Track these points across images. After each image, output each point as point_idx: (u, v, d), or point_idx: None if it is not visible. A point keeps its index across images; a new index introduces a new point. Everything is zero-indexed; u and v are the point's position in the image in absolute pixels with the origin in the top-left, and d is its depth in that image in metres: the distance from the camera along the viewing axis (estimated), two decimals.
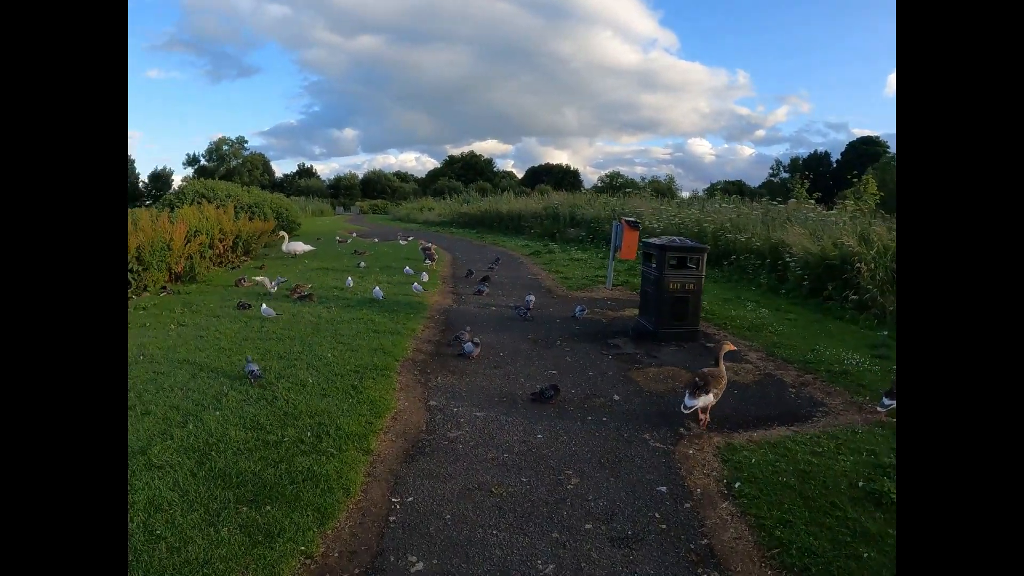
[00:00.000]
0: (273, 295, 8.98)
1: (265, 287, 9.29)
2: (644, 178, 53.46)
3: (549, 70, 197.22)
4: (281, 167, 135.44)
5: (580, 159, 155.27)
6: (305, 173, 79.24)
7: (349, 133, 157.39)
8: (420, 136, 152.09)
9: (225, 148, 72.79)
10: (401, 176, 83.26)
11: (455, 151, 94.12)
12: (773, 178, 66.00)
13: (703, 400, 4.27)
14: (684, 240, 7.15)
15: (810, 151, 68.06)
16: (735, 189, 41.86)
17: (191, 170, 69.48)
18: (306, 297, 8.61)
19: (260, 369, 5.00)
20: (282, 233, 15.49)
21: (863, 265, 8.34)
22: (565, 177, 67.37)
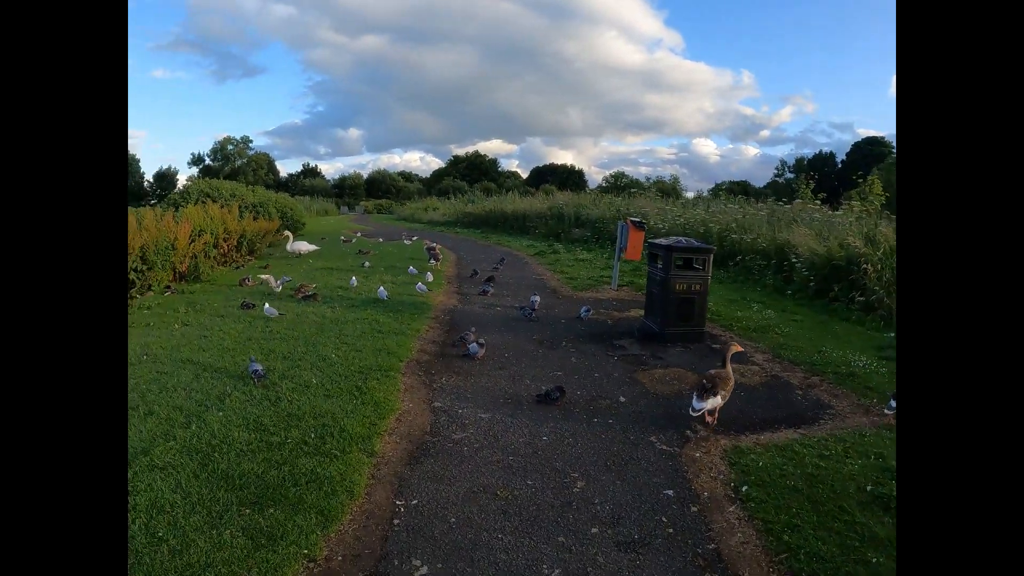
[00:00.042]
0: (277, 294, 8.97)
1: (270, 286, 9.29)
2: (649, 178, 53.44)
3: (553, 70, 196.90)
4: (286, 167, 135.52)
5: (585, 159, 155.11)
6: (310, 173, 79.30)
7: (354, 133, 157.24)
8: (425, 136, 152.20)
9: (230, 148, 72.95)
10: (406, 176, 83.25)
11: (459, 151, 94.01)
12: (778, 178, 65.99)
13: (711, 402, 4.24)
14: (690, 241, 7.10)
15: (815, 151, 68.02)
16: (740, 189, 41.69)
17: (196, 170, 69.82)
18: (310, 297, 8.59)
19: (264, 369, 4.97)
20: (287, 232, 15.44)
21: (869, 266, 8.29)
22: (570, 177, 67.27)
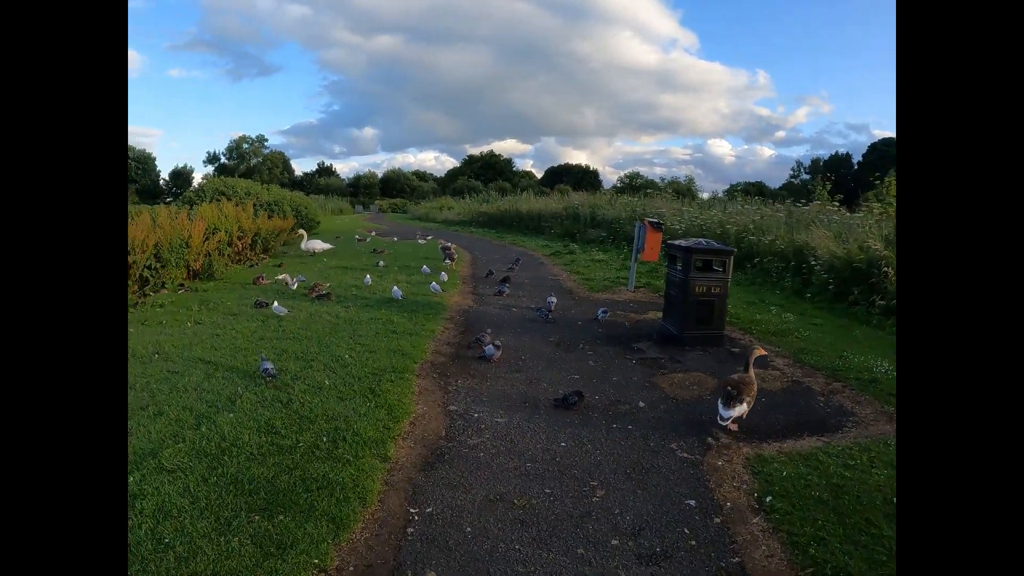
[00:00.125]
0: (292, 293, 8.95)
1: (286, 284, 9.30)
2: (664, 179, 52.89)
3: (568, 70, 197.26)
4: (301, 165, 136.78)
5: (599, 159, 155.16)
6: (325, 172, 79.77)
7: (368, 132, 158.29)
8: (439, 135, 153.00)
9: (245, 146, 73.60)
10: (420, 175, 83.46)
11: (474, 150, 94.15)
12: (793, 179, 65.45)
13: (738, 410, 4.14)
14: (710, 242, 6.96)
15: (831, 152, 67.13)
16: (755, 191, 41.27)
17: (211, 168, 70.55)
18: (324, 296, 8.54)
19: (275, 368, 4.91)
20: (301, 231, 15.47)
21: (890, 269, 8.09)
22: (584, 177, 67.09)
